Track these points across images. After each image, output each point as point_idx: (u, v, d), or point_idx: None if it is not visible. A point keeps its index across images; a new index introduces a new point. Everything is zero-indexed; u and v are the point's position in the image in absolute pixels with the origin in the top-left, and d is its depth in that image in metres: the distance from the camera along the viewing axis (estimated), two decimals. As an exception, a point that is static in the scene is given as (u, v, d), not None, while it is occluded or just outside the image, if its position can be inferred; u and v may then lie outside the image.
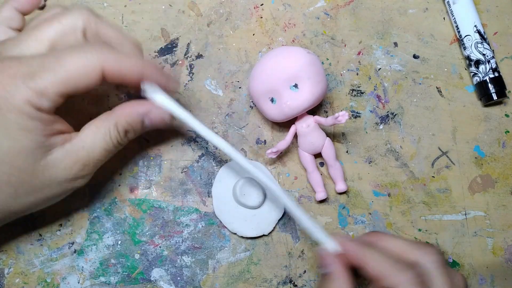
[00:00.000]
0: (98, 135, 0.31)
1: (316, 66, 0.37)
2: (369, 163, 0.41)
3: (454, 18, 0.44)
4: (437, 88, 0.41)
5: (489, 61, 0.42)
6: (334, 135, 0.42)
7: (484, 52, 0.42)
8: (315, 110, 0.41)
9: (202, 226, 0.39)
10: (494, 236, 0.41)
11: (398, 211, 0.41)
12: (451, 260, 0.41)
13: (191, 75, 0.41)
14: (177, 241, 0.39)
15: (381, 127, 0.42)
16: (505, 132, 0.43)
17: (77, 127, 0.32)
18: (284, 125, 0.41)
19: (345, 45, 0.43)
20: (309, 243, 0.39)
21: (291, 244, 0.39)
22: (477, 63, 0.43)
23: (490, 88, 0.42)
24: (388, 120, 0.42)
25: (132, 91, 0.39)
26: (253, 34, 0.43)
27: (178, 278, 0.38)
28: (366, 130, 0.42)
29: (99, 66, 0.29)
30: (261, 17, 0.43)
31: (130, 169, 0.40)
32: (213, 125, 0.41)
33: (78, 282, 0.38)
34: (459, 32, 0.44)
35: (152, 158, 0.40)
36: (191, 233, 0.39)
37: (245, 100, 0.42)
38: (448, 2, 0.44)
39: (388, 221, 0.41)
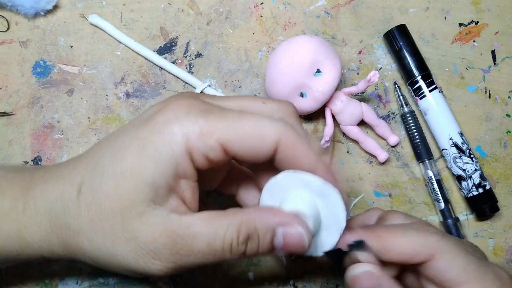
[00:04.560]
0: (211, 225, 0.25)
1: (324, 43, 0.38)
2: (370, 163, 0.41)
3: (430, 130, 0.42)
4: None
5: (470, 177, 0.39)
6: (335, 135, 0.41)
7: (464, 167, 0.39)
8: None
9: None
10: (495, 237, 0.41)
11: (399, 211, 0.41)
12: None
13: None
14: (177, 241, 0.38)
15: (382, 127, 0.42)
16: (507, 132, 0.43)
17: None
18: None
19: (345, 44, 0.43)
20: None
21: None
22: (459, 179, 0.40)
23: (480, 205, 0.40)
24: (389, 120, 0.42)
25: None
26: (253, 33, 0.42)
27: (178, 279, 0.38)
28: (367, 130, 0.42)
29: (275, 140, 0.26)
30: (261, 16, 0.42)
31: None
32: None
33: (77, 283, 0.38)
34: (436, 144, 0.41)
35: (151, 158, 0.40)
36: (190, 233, 0.39)
37: (245, 100, 0.41)
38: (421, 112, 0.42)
39: (389, 222, 0.40)
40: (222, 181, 0.32)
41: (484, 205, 0.40)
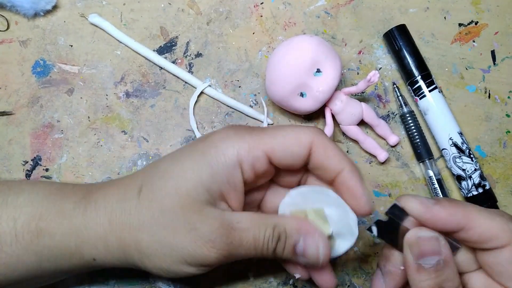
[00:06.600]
0: (256, 223, 0.30)
1: (324, 43, 0.38)
2: (370, 163, 0.41)
3: (430, 130, 0.42)
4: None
5: (470, 177, 0.39)
6: (335, 135, 0.41)
7: (464, 167, 0.39)
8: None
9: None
10: (495, 236, 0.41)
11: (399, 211, 0.41)
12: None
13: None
14: (176, 241, 0.38)
15: (381, 127, 0.42)
16: (506, 132, 0.43)
17: None
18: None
19: (345, 44, 0.43)
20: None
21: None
22: (459, 178, 0.40)
23: (480, 205, 0.39)
24: (388, 120, 0.42)
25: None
26: (253, 33, 0.42)
27: (177, 279, 0.38)
28: (366, 130, 0.42)
29: (309, 143, 0.30)
30: (261, 16, 0.42)
31: (129, 168, 0.39)
32: (212, 124, 0.41)
33: (76, 283, 0.37)
34: (436, 144, 0.41)
35: (151, 157, 0.40)
36: (190, 233, 0.39)
37: (244, 99, 0.41)
38: (421, 112, 0.42)
39: (389, 222, 0.40)
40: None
41: (483, 205, 0.40)
